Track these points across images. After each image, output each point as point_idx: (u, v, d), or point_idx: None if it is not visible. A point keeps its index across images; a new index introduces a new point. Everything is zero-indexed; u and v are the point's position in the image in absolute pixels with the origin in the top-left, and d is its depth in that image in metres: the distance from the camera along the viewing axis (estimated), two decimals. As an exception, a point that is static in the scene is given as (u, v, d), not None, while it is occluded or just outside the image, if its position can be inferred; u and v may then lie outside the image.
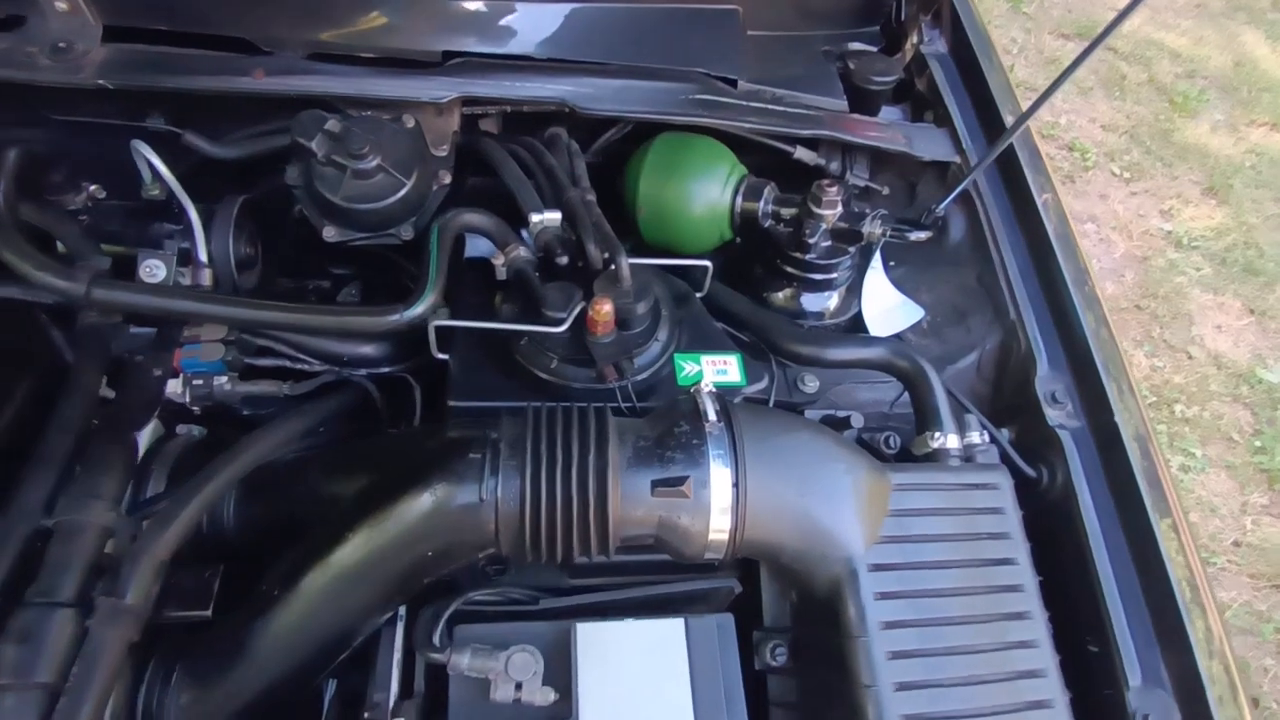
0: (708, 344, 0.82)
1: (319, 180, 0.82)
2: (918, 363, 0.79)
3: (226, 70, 0.85)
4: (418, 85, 0.87)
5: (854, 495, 0.67)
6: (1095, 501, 0.77)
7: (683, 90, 0.93)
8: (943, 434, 0.75)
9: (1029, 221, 0.95)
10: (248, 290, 0.91)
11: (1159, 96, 3.22)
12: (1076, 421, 0.81)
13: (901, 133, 1.01)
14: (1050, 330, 0.87)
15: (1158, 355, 2.50)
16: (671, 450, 0.65)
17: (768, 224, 0.93)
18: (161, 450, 0.74)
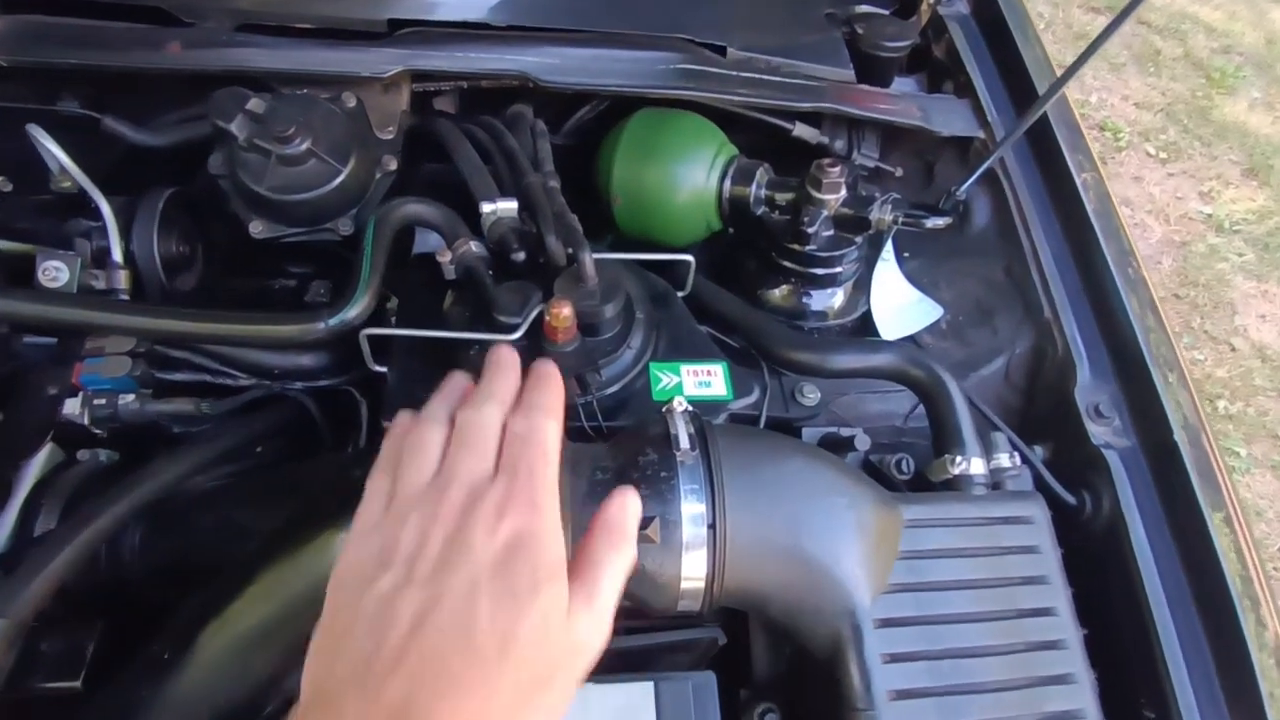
0: (690, 351, 0.71)
1: (241, 168, 0.72)
2: (935, 371, 0.67)
3: (138, 44, 0.74)
4: (357, 58, 0.76)
5: (857, 535, 0.56)
6: (1150, 534, 0.65)
7: (663, 60, 0.81)
8: (965, 457, 0.63)
9: (1065, 204, 0.83)
10: (183, 294, 0.81)
11: (1195, 72, 3.04)
12: (1125, 440, 0.68)
13: (916, 105, 0.88)
14: (1092, 330, 0.74)
15: (1198, 347, 2.34)
16: (635, 485, 0.54)
17: (761, 211, 0.81)
18: (56, 480, 0.64)
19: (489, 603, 0.36)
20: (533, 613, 0.36)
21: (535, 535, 0.39)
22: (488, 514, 0.39)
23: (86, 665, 0.53)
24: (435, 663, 0.34)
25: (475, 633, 0.35)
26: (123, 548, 0.64)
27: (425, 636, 0.35)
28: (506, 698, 0.34)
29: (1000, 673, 0.55)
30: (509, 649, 0.35)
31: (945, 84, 0.96)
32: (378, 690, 0.33)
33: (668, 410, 0.59)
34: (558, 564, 0.39)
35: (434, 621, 0.35)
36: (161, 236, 0.77)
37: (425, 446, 0.43)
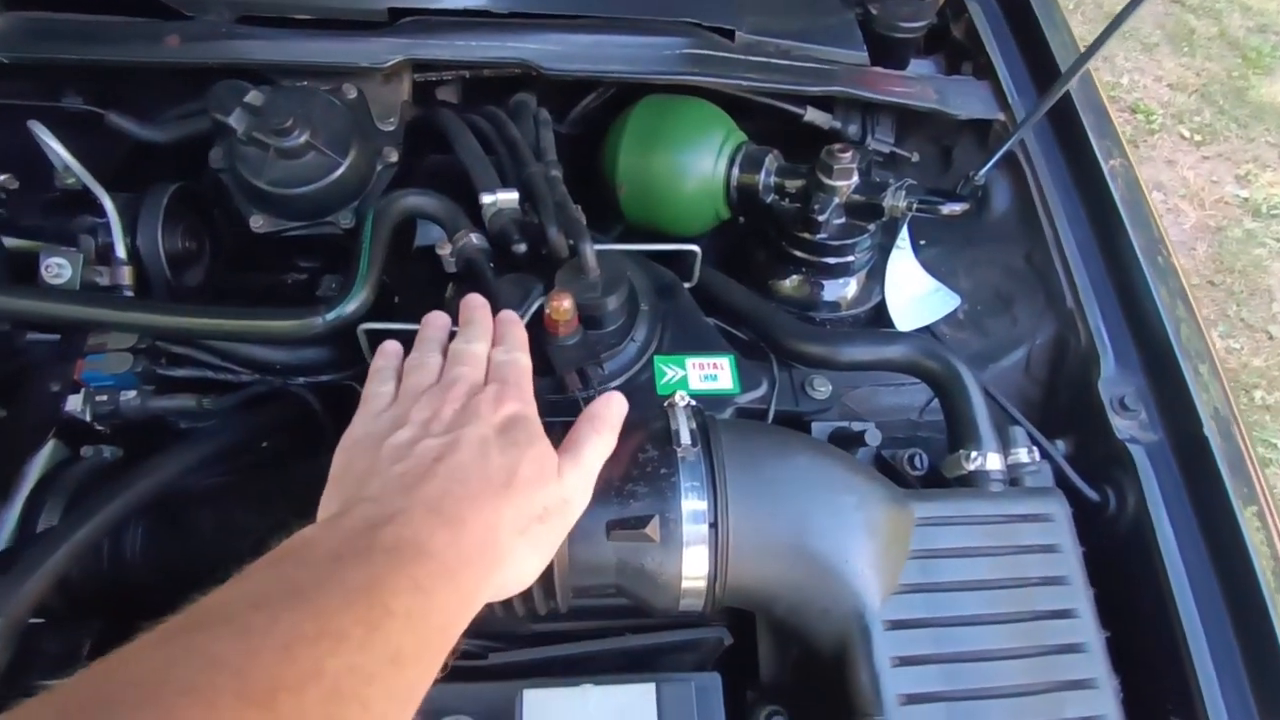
0: (696, 343, 0.69)
1: (241, 162, 0.71)
2: (950, 363, 0.64)
3: (138, 39, 0.74)
4: (357, 49, 0.75)
5: (865, 534, 0.54)
6: (1178, 533, 0.62)
7: (669, 45, 0.79)
8: (980, 452, 0.60)
9: (1090, 188, 0.79)
10: (190, 290, 0.81)
11: (1231, 51, 2.94)
12: (1152, 434, 0.65)
13: (933, 88, 0.85)
14: (1118, 320, 0.71)
15: (1234, 335, 2.27)
16: (634, 482, 0.52)
17: (770, 199, 0.78)
18: (60, 477, 0.64)
19: (496, 450, 0.42)
20: (530, 458, 0.43)
21: (527, 416, 0.47)
22: (489, 398, 0.46)
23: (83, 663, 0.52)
24: (458, 481, 0.40)
25: (488, 466, 0.41)
26: (125, 546, 0.64)
27: (448, 465, 0.40)
28: (512, 519, 0.40)
29: (1017, 677, 0.52)
30: (513, 482, 0.41)
31: (964, 65, 0.93)
32: (414, 490, 0.38)
33: (669, 405, 0.57)
34: (545, 435, 0.46)
35: (453, 457, 0.41)
36: (166, 232, 0.77)
37: (425, 365, 0.50)
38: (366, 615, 0.30)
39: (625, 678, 0.56)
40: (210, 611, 0.30)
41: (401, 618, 0.31)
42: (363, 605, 0.30)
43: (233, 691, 0.25)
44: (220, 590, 0.31)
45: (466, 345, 0.51)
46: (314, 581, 0.31)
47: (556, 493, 0.44)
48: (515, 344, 0.53)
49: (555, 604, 0.52)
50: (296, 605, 0.29)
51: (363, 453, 0.43)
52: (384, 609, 0.31)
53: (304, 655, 0.27)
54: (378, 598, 0.31)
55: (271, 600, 0.30)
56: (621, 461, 0.53)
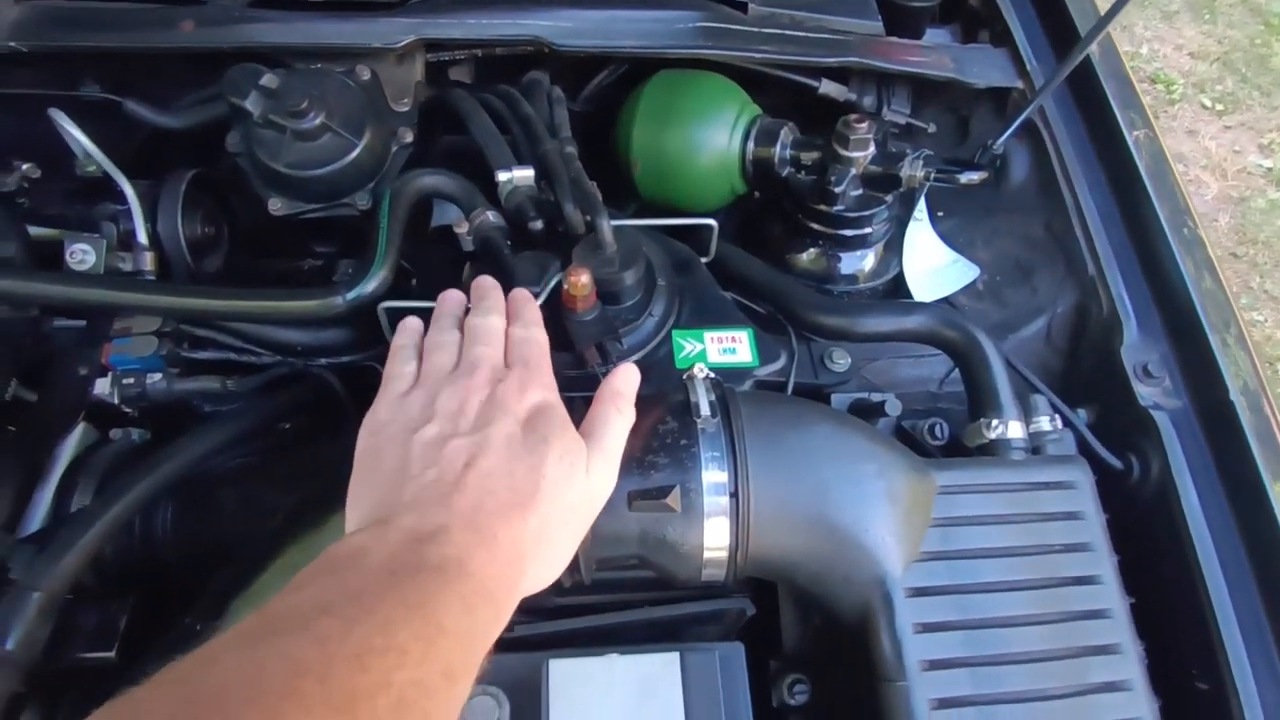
0: (714, 317, 0.69)
1: (258, 145, 0.72)
2: (970, 332, 0.64)
3: (153, 24, 0.74)
4: (369, 29, 0.75)
5: (887, 502, 0.54)
6: (1203, 498, 0.61)
7: (681, 19, 0.79)
8: (1002, 420, 0.60)
9: (1112, 154, 0.78)
10: (210, 275, 0.82)
11: (1254, 18, 2.88)
12: (1176, 400, 0.65)
13: (949, 56, 0.84)
14: (1141, 286, 0.70)
15: (1258, 308, 2.24)
16: (655, 454, 0.52)
17: (786, 173, 0.78)
18: (90, 459, 0.65)
19: (524, 451, 0.43)
20: (555, 458, 0.43)
21: (552, 405, 0.47)
22: (513, 388, 0.46)
23: (120, 637, 0.54)
24: (489, 491, 0.40)
25: (515, 475, 0.42)
26: (155, 524, 0.65)
27: (478, 472, 0.41)
28: (536, 527, 0.41)
29: (1040, 643, 0.52)
30: (539, 490, 0.42)
31: (981, 33, 0.91)
32: (454, 503, 0.39)
33: (688, 377, 0.57)
34: (570, 423, 0.46)
35: (483, 464, 0.41)
36: (186, 218, 0.78)
37: (445, 344, 0.50)
38: (423, 631, 0.32)
39: (650, 648, 0.56)
40: (285, 617, 0.31)
41: (453, 635, 0.33)
42: (419, 622, 0.32)
43: (320, 697, 0.27)
44: (287, 595, 0.33)
45: (483, 319, 0.51)
46: (375, 594, 0.33)
47: (582, 488, 0.44)
48: (531, 320, 0.53)
49: (580, 576, 0.52)
50: (363, 617, 0.31)
51: (391, 444, 0.43)
52: (438, 627, 0.32)
53: (375, 666, 0.29)
54: (432, 615, 0.32)
55: (339, 609, 0.31)
56: (642, 433, 0.53)
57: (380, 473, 0.43)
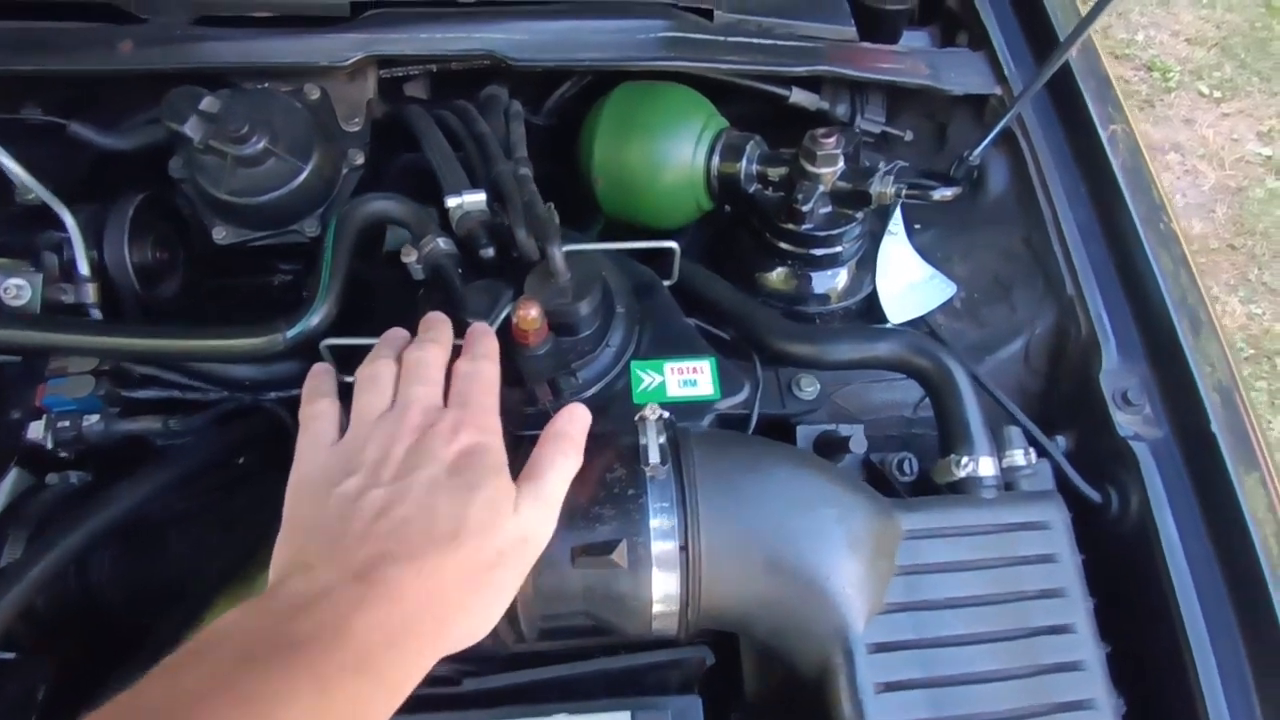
0: (675, 346, 0.66)
1: (199, 172, 0.69)
2: (941, 361, 0.61)
3: (90, 46, 0.71)
4: (315, 47, 0.72)
5: (848, 551, 0.51)
6: (1184, 536, 0.59)
7: (643, 29, 0.75)
8: (973, 457, 0.57)
9: (1090, 163, 0.75)
10: (165, 301, 0.79)
11: (1254, 1, 2.82)
12: (1156, 430, 0.62)
13: (925, 62, 0.81)
14: (1121, 307, 0.67)
15: (1256, 300, 2.20)
16: (600, 505, 0.50)
17: (753, 189, 0.75)
18: (23, 507, 0.63)
19: (446, 496, 0.41)
20: (483, 501, 0.41)
21: (486, 447, 0.44)
22: (444, 431, 0.44)
23: (38, 709, 0.51)
24: (397, 540, 0.38)
25: (435, 519, 0.39)
26: (92, 571, 0.62)
27: (390, 520, 0.39)
28: (457, 573, 0.39)
29: (1010, 700, 0.50)
30: (461, 532, 0.39)
31: (959, 36, 0.88)
32: (346, 557, 0.38)
33: (640, 418, 0.54)
34: (504, 466, 0.44)
35: (398, 512, 0.39)
36: (135, 244, 0.75)
37: (378, 380, 0.47)
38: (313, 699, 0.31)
39: (601, 704, 0.54)
40: (138, 709, 0.31)
41: (343, 701, 0.32)
42: (257, 709, 0.31)
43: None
44: (153, 678, 0.32)
45: (422, 351, 0.49)
46: (213, 690, 0.31)
47: (513, 532, 0.42)
48: (482, 353, 0.51)
49: (522, 635, 0.50)
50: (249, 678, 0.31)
51: (309, 499, 0.42)
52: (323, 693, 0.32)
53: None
54: (270, 711, 0.31)
55: (184, 706, 0.31)
56: (588, 482, 0.51)
57: (295, 529, 0.42)
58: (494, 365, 0.50)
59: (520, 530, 0.42)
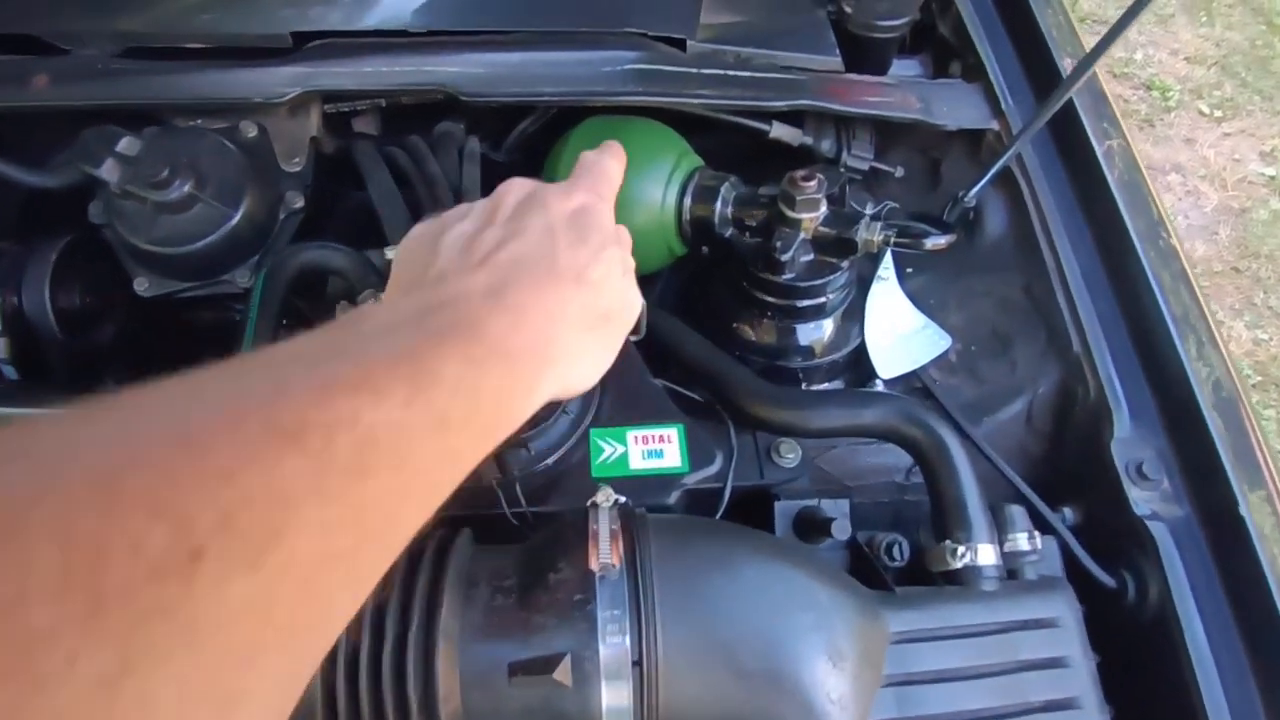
0: (640, 411, 0.60)
1: (119, 219, 0.63)
2: (934, 432, 0.55)
3: (5, 80, 0.65)
4: (250, 81, 0.66)
5: (828, 662, 0.44)
6: (1209, 628, 0.52)
7: (609, 61, 0.70)
8: (970, 545, 0.51)
9: (1096, 205, 0.69)
10: (98, 346, 0.73)
11: (1254, 19, 2.78)
12: (1177, 509, 0.55)
13: (916, 95, 0.75)
14: (1133, 365, 0.61)
15: (1262, 325, 2.14)
16: (542, 612, 0.43)
17: (729, 233, 0.69)
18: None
19: (565, 242, 0.38)
20: (600, 254, 0.39)
21: (601, 210, 0.42)
22: (557, 189, 0.41)
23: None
24: (520, 270, 0.36)
25: (556, 259, 0.37)
26: None
27: (510, 254, 0.37)
28: (578, 313, 0.37)
29: (1016, 836, 0.43)
30: (583, 277, 0.37)
31: (953, 65, 0.82)
32: (470, 277, 0.35)
33: (591, 504, 0.48)
34: (616, 232, 0.42)
35: (517, 248, 0.37)
36: (60, 289, 0.69)
37: None
38: (411, 376, 0.27)
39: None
40: (247, 360, 0.27)
41: (450, 384, 0.28)
42: (407, 366, 0.28)
43: (259, 419, 0.22)
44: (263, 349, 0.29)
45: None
46: (359, 344, 0.29)
47: (622, 296, 0.41)
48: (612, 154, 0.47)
49: None
50: (336, 360, 0.27)
51: (424, 244, 0.39)
52: (431, 374, 0.28)
53: (341, 403, 0.24)
54: (425, 363, 0.28)
55: (312, 354, 0.27)
56: (528, 583, 0.44)
57: (410, 268, 0.39)
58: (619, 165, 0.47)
59: (625, 298, 0.41)
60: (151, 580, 0.17)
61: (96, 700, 0.16)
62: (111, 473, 0.19)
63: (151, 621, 0.17)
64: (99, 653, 0.16)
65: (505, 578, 0.45)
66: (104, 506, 0.18)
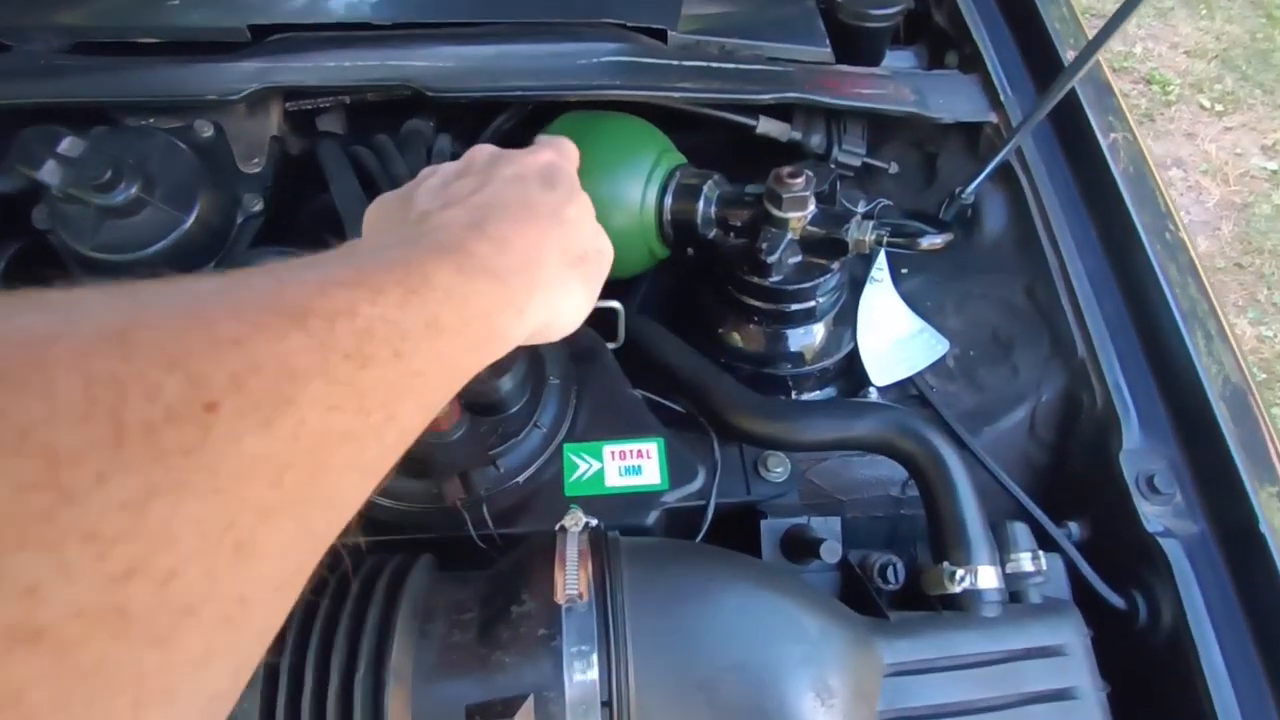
0: (618, 424, 0.56)
1: (62, 224, 0.59)
2: (931, 445, 0.51)
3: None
4: (202, 77, 0.62)
5: (815, 700, 0.41)
6: (1226, 652, 0.48)
7: (585, 53, 0.66)
8: (970, 568, 0.47)
9: (1100, 198, 0.65)
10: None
11: (1254, 11, 2.75)
12: (1190, 525, 0.52)
13: (910, 87, 0.71)
14: (1142, 371, 0.57)
15: (1266, 322, 2.10)
16: (503, 647, 0.40)
17: (713, 234, 0.65)
18: None
19: (537, 187, 0.39)
20: (576, 201, 0.40)
21: (565, 168, 0.43)
22: (523, 150, 0.42)
23: None
24: (499, 207, 0.37)
25: (530, 199, 0.38)
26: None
27: (485, 196, 0.37)
28: (558, 248, 0.37)
29: None
30: (559, 216, 0.38)
31: (949, 56, 0.79)
32: (452, 210, 0.36)
33: (559, 528, 0.44)
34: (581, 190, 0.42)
35: (492, 190, 0.38)
36: (11, 300, 0.65)
37: None
38: (405, 279, 0.28)
39: None
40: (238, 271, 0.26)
41: (442, 290, 0.29)
42: (401, 271, 0.28)
43: (262, 303, 0.23)
44: None
45: None
46: (353, 256, 0.29)
47: (594, 241, 0.41)
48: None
49: None
50: (332, 265, 0.27)
51: (395, 200, 0.40)
52: (424, 279, 0.29)
53: (339, 294, 0.25)
54: (418, 270, 0.29)
55: (306, 263, 0.27)
56: (488, 616, 0.41)
57: (381, 222, 0.41)
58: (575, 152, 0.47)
59: (599, 242, 0.42)
60: (169, 422, 0.18)
61: (124, 520, 0.17)
62: (124, 327, 0.19)
63: (172, 458, 0.18)
64: (126, 477, 0.17)
65: (465, 610, 0.42)
66: (120, 354, 0.18)
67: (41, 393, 0.17)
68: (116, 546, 0.16)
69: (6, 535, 0.15)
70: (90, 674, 0.16)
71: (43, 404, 0.16)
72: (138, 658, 0.17)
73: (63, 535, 0.16)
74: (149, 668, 0.17)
